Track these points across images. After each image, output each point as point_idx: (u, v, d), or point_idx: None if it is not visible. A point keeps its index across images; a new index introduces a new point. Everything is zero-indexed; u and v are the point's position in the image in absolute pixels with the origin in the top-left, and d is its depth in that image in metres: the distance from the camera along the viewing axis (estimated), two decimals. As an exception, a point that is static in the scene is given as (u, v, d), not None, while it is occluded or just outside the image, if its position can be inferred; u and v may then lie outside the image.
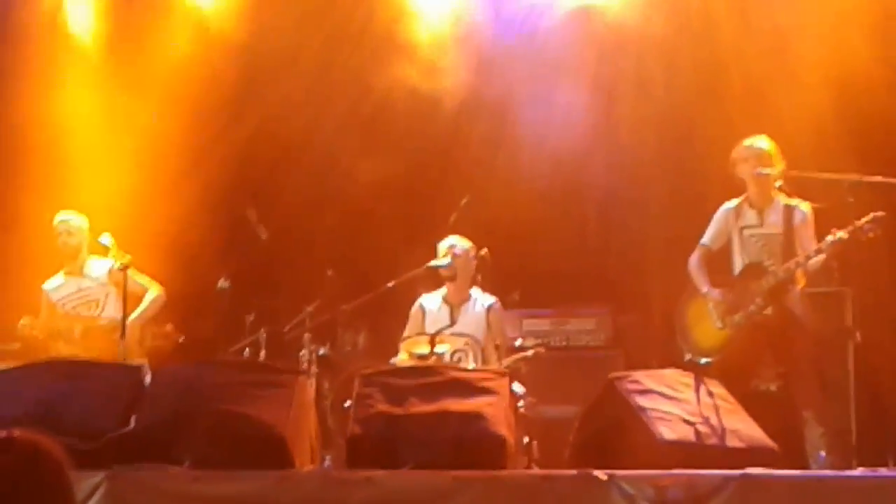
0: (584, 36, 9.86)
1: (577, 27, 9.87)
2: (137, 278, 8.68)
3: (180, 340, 8.55)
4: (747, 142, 7.82)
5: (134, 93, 10.09)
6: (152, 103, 9.96)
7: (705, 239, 8.01)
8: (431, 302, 8.70)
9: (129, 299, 8.61)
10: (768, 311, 7.56)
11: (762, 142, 7.79)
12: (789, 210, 7.71)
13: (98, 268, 8.64)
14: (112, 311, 8.51)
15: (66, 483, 2.81)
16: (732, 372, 7.43)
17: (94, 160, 9.88)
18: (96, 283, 8.64)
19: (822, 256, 7.43)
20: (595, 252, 9.92)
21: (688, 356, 7.86)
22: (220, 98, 10.05)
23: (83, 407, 6.37)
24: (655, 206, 9.78)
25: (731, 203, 7.93)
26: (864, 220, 7.23)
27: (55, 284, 8.80)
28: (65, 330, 8.47)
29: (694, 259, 8.00)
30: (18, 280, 9.39)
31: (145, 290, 8.72)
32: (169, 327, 8.65)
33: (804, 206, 7.70)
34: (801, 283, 7.62)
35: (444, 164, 9.89)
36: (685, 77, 9.63)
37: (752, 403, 6.87)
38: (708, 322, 7.81)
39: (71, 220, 8.75)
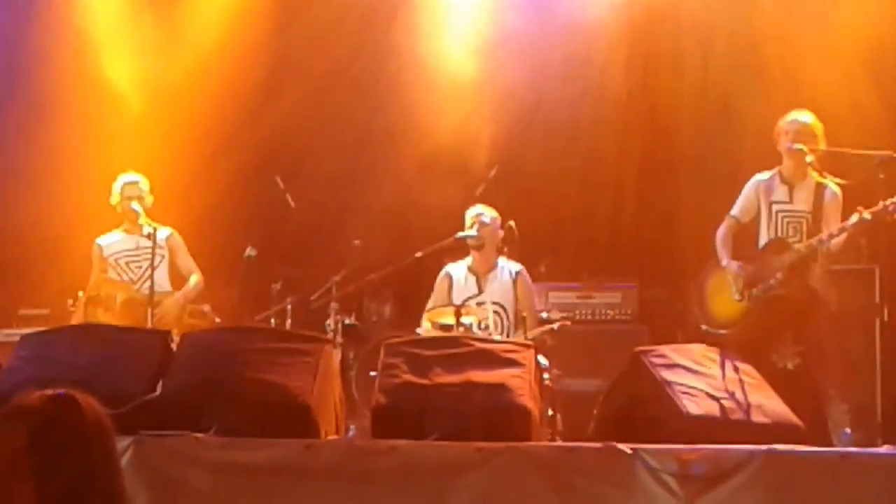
0: (620, 9, 9.80)
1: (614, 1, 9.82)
2: (188, 257, 8.77)
3: (217, 321, 8.56)
4: (790, 115, 7.75)
5: (173, 70, 10.13)
6: (190, 79, 9.99)
7: (735, 210, 7.96)
8: (457, 271, 8.71)
9: (175, 274, 8.71)
10: (787, 287, 7.52)
11: (806, 117, 7.71)
12: (820, 188, 7.66)
13: (158, 232, 8.55)
14: (161, 275, 8.52)
15: (112, 446, 2.83)
16: (749, 345, 7.41)
17: (131, 133, 9.94)
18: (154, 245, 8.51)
19: (843, 236, 7.38)
20: (623, 225, 9.92)
21: (704, 327, 7.84)
22: (258, 75, 10.09)
23: (111, 372, 6.39)
24: (686, 180, 9.76)
25: (763, 175, 7.88)
26: (889, 201, 7.17)
27: (112, 240, 8.75)
28: (105, 297, 8.48)
29: (721, 231, 7.96)
30: (47, 246, 9.47)
31: (191, 272, 8.76)
32: (206, 307, 8.66)
33: (834, 186, 7.66)
34: (823, 260, 7.58)
35: (475, 136, 9.86)
36: (721, 51, 9.59)
37: (771, 380, 6.86)
38: (726, 294, 7.78)
39: (140, 182, 8.72)
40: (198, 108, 9.90)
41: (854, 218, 7.27)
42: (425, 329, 8.30)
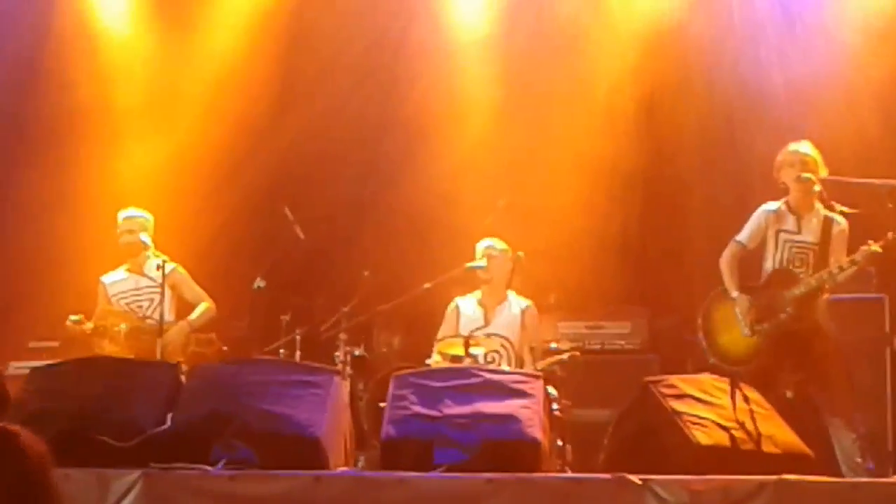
0: (626, 38, 9.83)
1: (620, 27, 9.85)
2: (195, 287, 8.72)
3: (224, 349, 8.55)
4: (793, 146, 7.70)
5: (178, 97, 10.18)
6: (196, 107, 10.04)
7: (742, 237, 7.79)
8: (467, 304, 8.71)
9: (181, 305, 8.65)
10: (797, 322, 7.44)
11: (807, 147, 7.67)
12: (828, 220, 7.59)
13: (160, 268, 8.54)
14: (166, 311, 8.50)
15: (49, 479, 2.86)
16: (759, 377, 7.34)
17: (138, 161, 9.98)
18: (156, 282, 8.46)
19: (853, 269, 7.34)
20: (632, 255, 9.90)
21: (712, 360, 7.72)
22: (263, 103, 10.12)
23: (121, 404, 6.42)
24: (694, 209, 9.75)
25: (772, 205, 7.80)
26: None
27: (115, 278, 8.74)
28: (110, 327, 8.48)
29: (727, 256, 7.77)
30: (56, 279, 9.48)
31: (199, 300, 8.71)
32: (213, 336, 8.64)
33: (841, 219, 7.60)
34: (826, 292, 7.55)
35: (482, 166, 9.88)
36: (727, 79, 9.60)
37: (780, 410, 6.82)
38: (735, 329, 7.61)
39: (136, 216, 8.72)
40: (205, 138, 9.94)
41: (865, 250, 7.23)
42: (435, 361, 8.29)
